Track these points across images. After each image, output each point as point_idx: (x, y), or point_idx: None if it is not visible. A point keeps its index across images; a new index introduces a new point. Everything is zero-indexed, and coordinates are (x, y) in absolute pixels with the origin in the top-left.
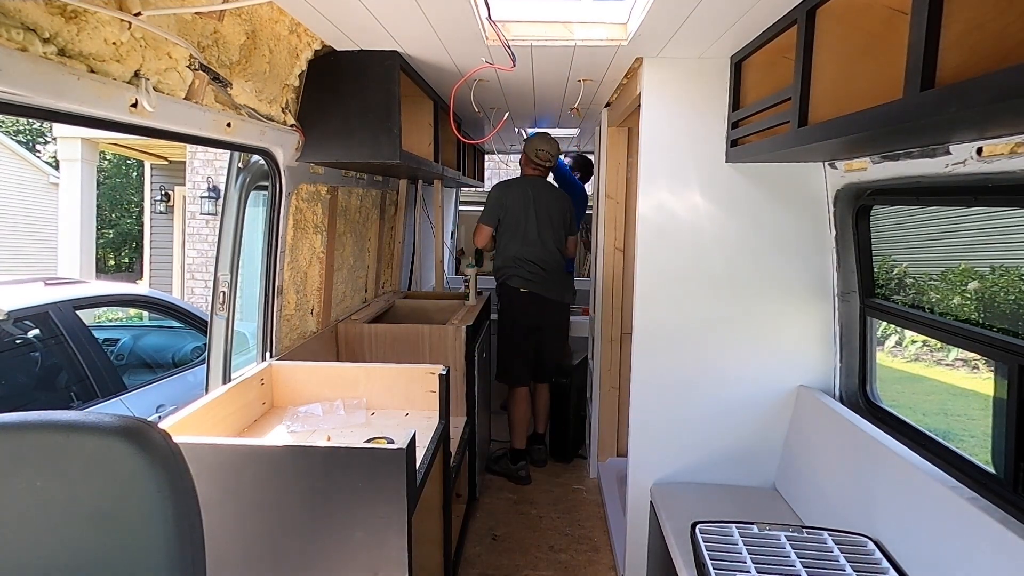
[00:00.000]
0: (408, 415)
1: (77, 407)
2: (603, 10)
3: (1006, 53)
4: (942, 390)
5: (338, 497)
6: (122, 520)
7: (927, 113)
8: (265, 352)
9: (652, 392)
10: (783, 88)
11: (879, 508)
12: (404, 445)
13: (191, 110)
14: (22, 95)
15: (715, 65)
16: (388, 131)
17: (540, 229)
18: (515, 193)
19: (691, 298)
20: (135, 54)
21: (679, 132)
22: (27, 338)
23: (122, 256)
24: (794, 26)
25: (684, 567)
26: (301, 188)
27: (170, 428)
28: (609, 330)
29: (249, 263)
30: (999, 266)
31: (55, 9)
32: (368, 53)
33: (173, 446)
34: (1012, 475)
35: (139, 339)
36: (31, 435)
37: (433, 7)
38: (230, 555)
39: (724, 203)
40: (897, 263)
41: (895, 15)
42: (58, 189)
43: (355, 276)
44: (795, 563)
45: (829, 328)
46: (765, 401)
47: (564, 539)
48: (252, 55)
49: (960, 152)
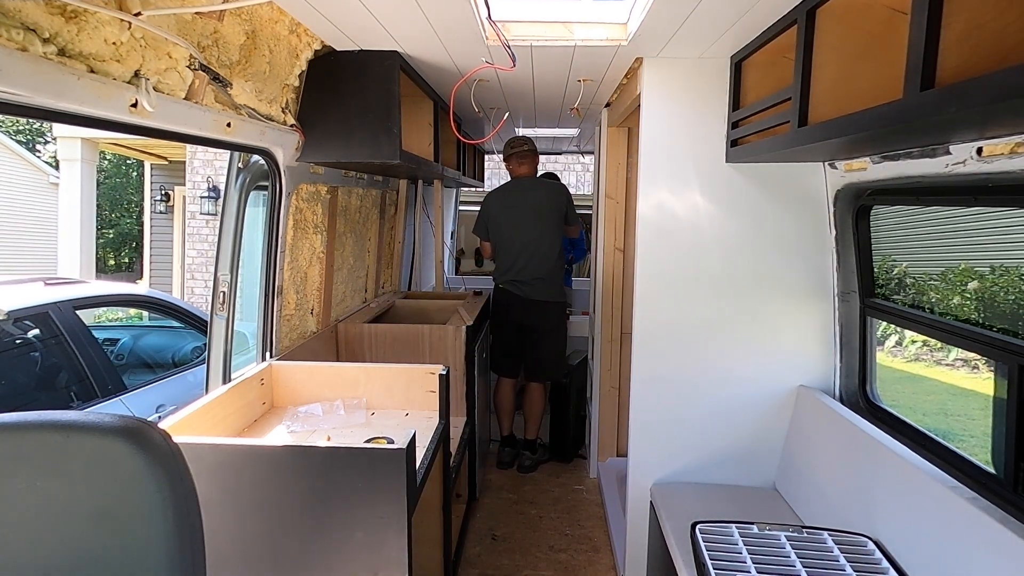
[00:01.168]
0: (408, 415)
1: (77, 407)
2: (603, 10)
3: (1006, 53)
4: (942, 390)
5: (338, 497)
6: (122, 520)
7: (927, 113)
8: (265, 352)
9: (652, 392)
10: (783, 88)
11: (879, 508)
12: (404, 445)
13: (191, 110)
14: (22, 95)
15: (715, 65)
16: (388, 131)
17: (528, 230)
18: (499, 201)
19: (691, 298)
20: (135, 54)
21: (679, 132)
22: (27, 338)
23: (122, 256)
24: (794, 26)
25: (684, 567)
26: (301, 188)
27: (170, 428)
28: (609, 330)
29: (249, 263)
30: (999, 266)
31: (55, 9)
32: (368, 53)
33: (173, 446)
34: (1012, 475)
35: (139, 339)
36: (31, 435)
37: (433, 7)
38: (230, 555)
39: (724, 203)
40: (897, 263)
41: (895, 15)
42: (58, 189)
43: (355, 276)
44: (795, 563)
45: (829, 328)
46: (765, 401)
47: (564, 539)
48: (252, 55)
49: (960, 152)
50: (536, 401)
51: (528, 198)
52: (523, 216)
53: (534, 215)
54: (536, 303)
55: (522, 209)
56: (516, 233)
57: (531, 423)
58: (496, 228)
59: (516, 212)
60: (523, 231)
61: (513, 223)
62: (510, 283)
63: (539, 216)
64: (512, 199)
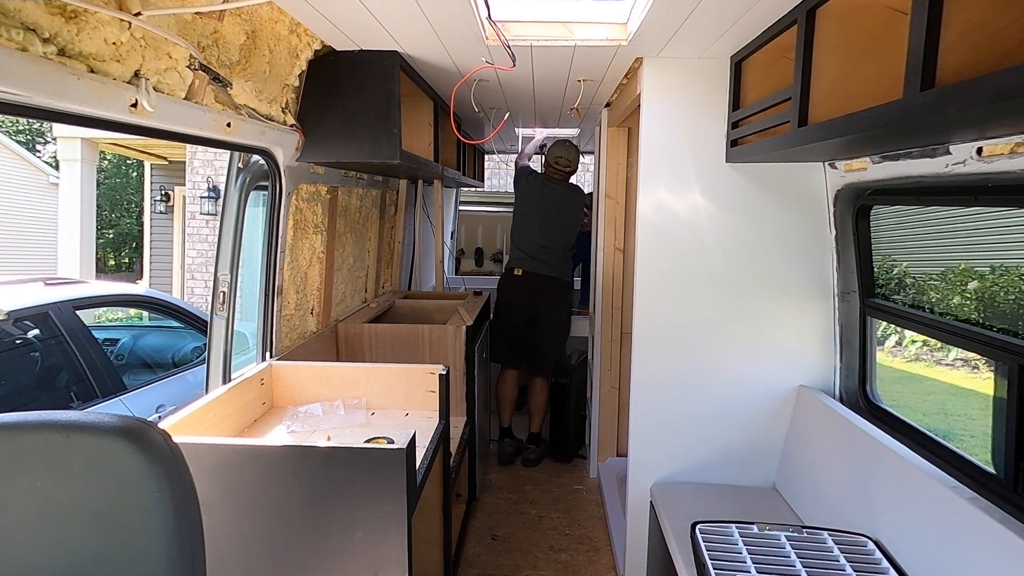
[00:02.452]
0: (408, 415)
1: (77, 407)
2: (603, 10)
3: (1006, 53)
4: (942, 390)
5: (338, 497)
6: (122, 520)
7: (927, 113)
8: (265, 352)
9: (652, 392)
10: (783, 88)
11: (879, 508)
12: (404, 445)
13: (191, 110)
14: (22, 95)
15: (715, 65)
16: (388, 131)
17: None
18: (536, 186)
19: (691, 298)
20: (135, 54)
21: (679, 132)
22: (27, 338)
23: (122, 256)
24: (794, 26)
25: (684, 567)
26: (301, 188)
27: (170, 428)
28: (609, 330)
29: (249, 263)
30: (999, 266)
31: (55, 9)
32: (368, 53)
33: (173, 446)
34: (1012, 475)
35: (139, 339)
36: (31, 435)
37: (433, 7)
38: (230, 555)
39: (724, 203)
40: (897, 263)
41: (895, 15)
42: (58, 189)
43: (355, 276)
44: (795, 563)
45: (829, 328)
46: (765, 401)
47: (564, 539)
48: (252, 55)
49: (960, 152)
50: (542, 396)
51: (561, 195)
52: (552, 207)
53: (561, 210)
54: (546, 279)
55: (554, 202)
56: (544, 216)
57: (535, 416)
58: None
59: (548, 202)
60: (547, 219)
61: (544, 206)
62: (523, 259)
63: (563, 214)
64: (549, 191)
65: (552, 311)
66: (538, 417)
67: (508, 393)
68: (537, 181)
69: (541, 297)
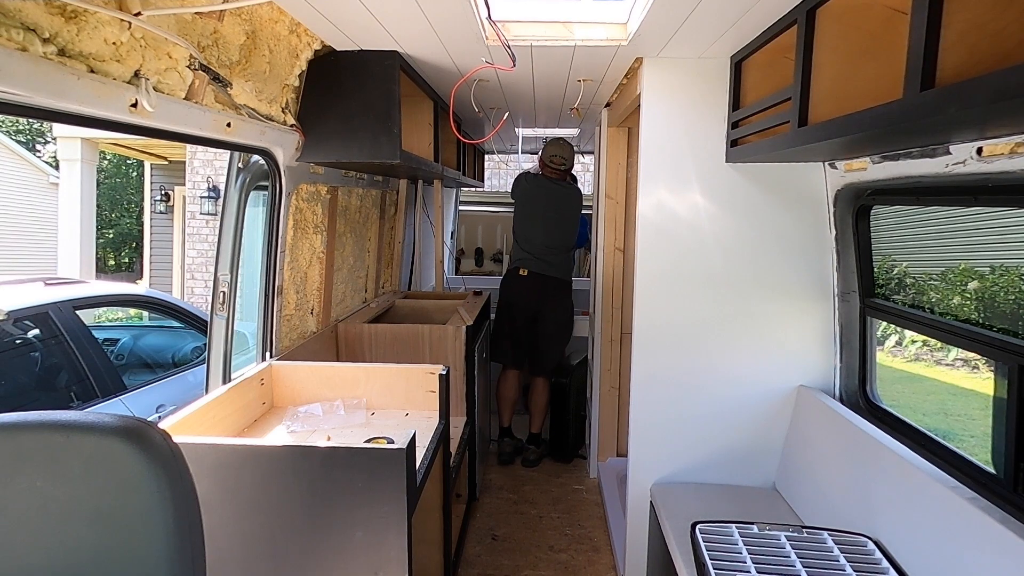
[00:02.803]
0: (408, 415)
1: (77, 407)
2: (603, 10)
3: (1006, 53)
4: (942, 390)
5: (338, 497)
6: (122, 520)
7: (927, 113)
8: (265, 352)
9: (652, 392)
10: (783, 88)
11: (879, 508)
12: (404, 445)
13: (191, 110)
14: (22, 95)
15: (715, 65)
16: (388, 131)
17: (553, 218)
18: (534, 186)
19: (691, 298)
20: (135, 54)
21: (679, 132)
22: (27, 338)
23: (122, 256)
24: (794, 26)
25: (684, 567)
26: (301, 188)
27: (170, 428)
28: (609, 330)
29: (249, 263)
30: (999, 266)
31: (55, 9)
32: (368, 53)
33: (173, 446)
34: (1012, 475)
35: (139, 339)
36: (31, 435)
37: (433, 7)
38: (230, 555)
39: (724, 203)
40: (897, 263)
41: (895, 15)
42: (58, 189)
43: (355, 276)
44: (795, 563)
45: (829, 328)
46: (765, 401)
47: (564, 539)
48: (252, 55)
49: (960, 152)
50: (543, 396)
51: (560, 193)
52: (552, 204)
53: (562, 209)
54: (550, 280)
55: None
56: (545, 216)
57: (536, 417)
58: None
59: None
60: (549, 219)
61: (545, 204)
62: (528, 259)
63: (563, 212)
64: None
65: (555, 311)
66: (539, 417)
67: (509, 393)
68: (535, 181)
69: (545, 297)
